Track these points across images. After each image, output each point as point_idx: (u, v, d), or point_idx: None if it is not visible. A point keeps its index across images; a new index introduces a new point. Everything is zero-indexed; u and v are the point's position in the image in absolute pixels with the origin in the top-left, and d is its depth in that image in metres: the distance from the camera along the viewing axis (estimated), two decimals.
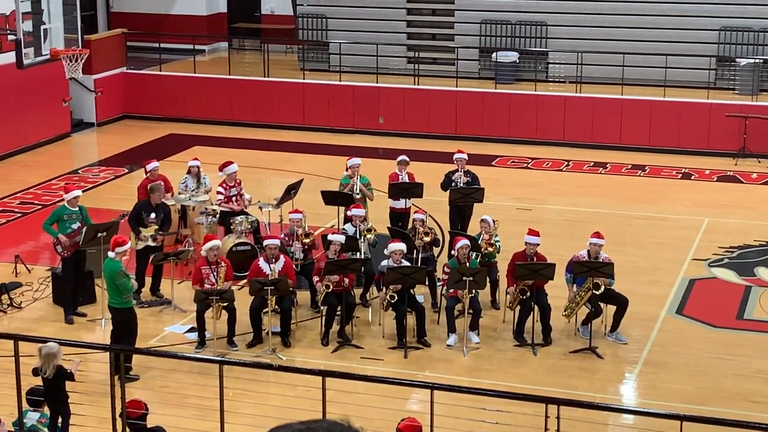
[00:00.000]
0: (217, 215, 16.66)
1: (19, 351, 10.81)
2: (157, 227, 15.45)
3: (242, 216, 16.42)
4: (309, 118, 24.85)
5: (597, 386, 13.23)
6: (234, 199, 16.84)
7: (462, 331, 14.11)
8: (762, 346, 14.27)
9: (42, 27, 18.28)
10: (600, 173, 21.83)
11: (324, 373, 10.55)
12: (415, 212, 15.75)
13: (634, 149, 22.97)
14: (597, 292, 13.90)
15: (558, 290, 14.32)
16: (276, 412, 11.35)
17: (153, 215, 15.52)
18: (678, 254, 17.19)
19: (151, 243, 15.39)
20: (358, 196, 16.40)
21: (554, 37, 25.63)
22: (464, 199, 16.45)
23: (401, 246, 14.23)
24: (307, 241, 15.09)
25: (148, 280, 15.60)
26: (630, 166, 22.12)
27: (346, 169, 16.82)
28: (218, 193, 16.84)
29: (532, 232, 14.44)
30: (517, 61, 25.25)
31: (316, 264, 14.72)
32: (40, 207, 19.51)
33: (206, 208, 16.77)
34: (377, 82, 24.73)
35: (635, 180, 21.40)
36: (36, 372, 11.24)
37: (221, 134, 24.34)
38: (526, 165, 22.33)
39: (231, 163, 17.04)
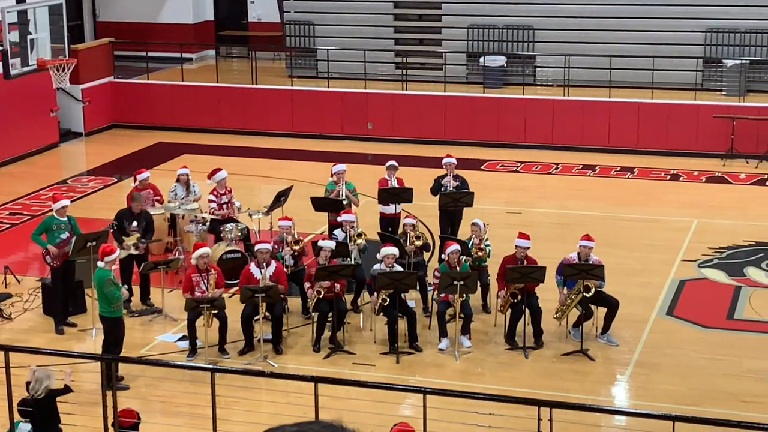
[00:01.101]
0: (207, 223, 16.64)
1: (9, 362, 10.78)
2: (139, 235, 15.45)
3: (232, 224, 16.40)
4: (297, 124, 24.85)
5: (589, 388, 13.25)
6: (224, 206, 16.83)
7: (453, 335, 14.11)
8: (752, 346, 14.30)
9: (29, 37, 18.27)
10: (589, 176, 21.87)
11: (316, 380, 10.55)
12: (406, 217, 15.75)
13: (622, 151, 23.02)
14: (587, 295, 13.91)
15: (549, 293, 14.34)
16: (268, 419, 11.35)
17: (135, 223, 15.54)
18: (668, 255, 17.22)
19: (133, 251, 15.37)
20: (345, 202, 16.41)
21: (541, 40, 25.68)
22: (454, 203, 16.46)
23: (394, 250, 14.23)
24: (297, 247, 15.08)
25: (135, 290, 15.57)
26: (619, 169, 22.16)
27: (332, 175, 16.83)
28: (210, 201, 16.82)
29: (522, 236, 14.45)
30: (505, 65, 25.30)
31: (306, 270, 14.71)
32: (29, 217, 19.47)
33: (196, 216, 16.75)
34: (365, 88, 24.74)
35: (624, 182, 21.45)
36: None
37: (210, 142, 24.32)
38: (515, 169, 22.36)
39: (219, 170, 17.02)
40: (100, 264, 13.27)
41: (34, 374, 10.90)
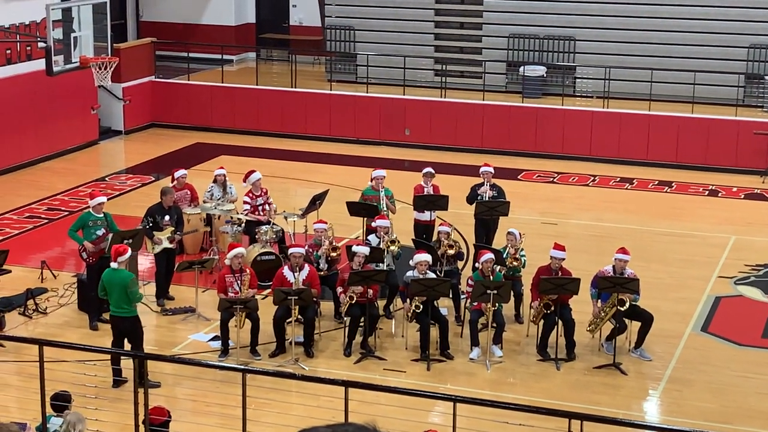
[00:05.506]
0: (242, 224, 16.71)
1: (44, 356, 10.86)
2: (173, 228, 15.57)
3: (267, 225, 16.45)
4: (335, 129, 24.89)
5: (620, 402, 13.16)
6: (260, 208, 16.89)
7: (485, 344, 14.08)
8: None
9: (72, 35, 18.38)
10: (626, 189, 21.75)
11: (346, 384, 10.54)
12: (441, 225, 15.73)
13: (660, 165, 22.88)
14: (622, 308, 13.83)
15: (582, 305, 14.27)
16: (298, 421, 11.32)
17: (167, 218, 15.66)
18: (704, 271, 17.09)
19: (167, 245, 15.47)
20: (384, 210, 16.39)
21: (582, 51, 25.59)
22: (490, 212, 16.41)
23: (427, 257, 14.21)
24: (333, 254, 15.11)
25: (174, 288, 15.63)
26: (656, 182, 22.03)
27: (371, 180, 16.83)
28: (245, 203, 16.90)
29: (558, 247, 14.39)
30: (545, 75, 25.22)
31: (340, 275, 14.73)
32: (66, 213, 19.62)
33: (231, 217, 16.82)
34: (404, 94, 24.75)
35: (662, 196, 21.31)
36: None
37: (248, 144, 24.42)
38: (552, 179, 22.27)
39: (253, 171, 17.10)
40: (113, 265, 13.05)
41: (66, 417, 10.74)
